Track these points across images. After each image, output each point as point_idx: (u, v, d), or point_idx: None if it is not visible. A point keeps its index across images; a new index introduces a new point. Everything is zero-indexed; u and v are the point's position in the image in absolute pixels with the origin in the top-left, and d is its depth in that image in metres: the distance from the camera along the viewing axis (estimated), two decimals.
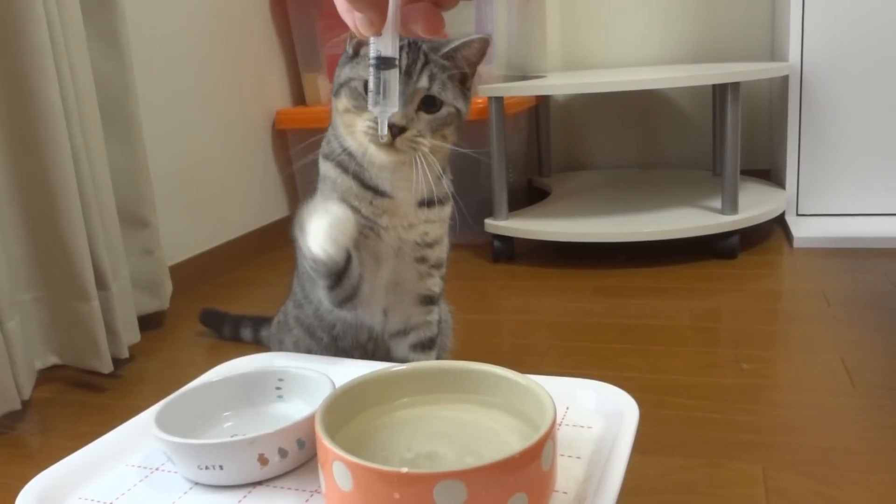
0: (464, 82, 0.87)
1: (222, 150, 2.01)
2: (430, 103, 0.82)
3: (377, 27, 0.48)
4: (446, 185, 0.91)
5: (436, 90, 0.82)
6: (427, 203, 0.89)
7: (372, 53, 0.50)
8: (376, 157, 0.83)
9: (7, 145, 1.26)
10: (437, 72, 0.82)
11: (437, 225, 0.91)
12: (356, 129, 0.83)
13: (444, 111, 0.83)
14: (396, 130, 0.80)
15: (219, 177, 1.99)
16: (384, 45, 0.51)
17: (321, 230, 0.79)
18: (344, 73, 0.85)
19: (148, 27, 1.71)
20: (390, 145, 0.81)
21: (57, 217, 1.27)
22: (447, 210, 0.92)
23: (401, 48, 0.80)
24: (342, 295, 0.88)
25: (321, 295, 0.91)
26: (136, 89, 1.48)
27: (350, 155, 0.86)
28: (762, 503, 0.85)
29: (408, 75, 0.80)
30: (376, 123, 0.79)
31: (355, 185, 0.87)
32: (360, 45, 0.85)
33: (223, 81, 2.01)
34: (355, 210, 0.87)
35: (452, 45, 0.83)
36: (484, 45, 0.84)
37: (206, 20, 1.95)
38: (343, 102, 0.84)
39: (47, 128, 1.23)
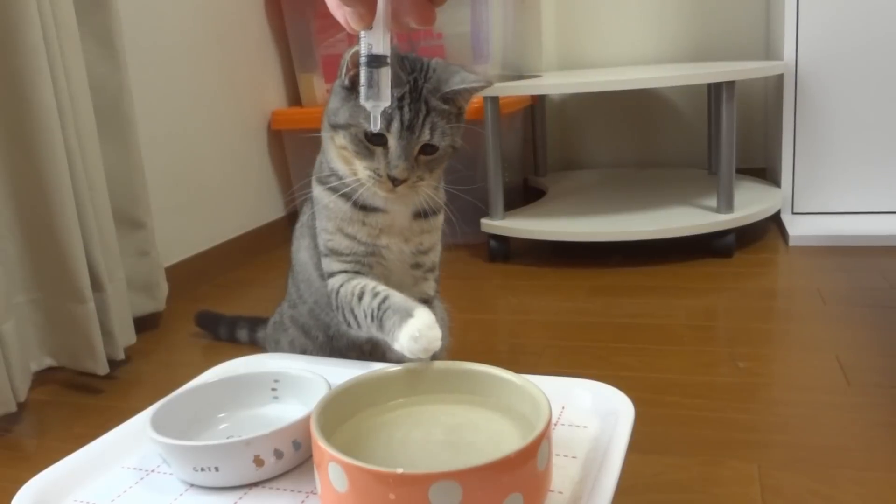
0: (459, 117, 0.86)
1: (218, 150, 2.00)
2: (429, 148, 0.83)
3: (367, 21, 0.48)
4: (441, 194, 0.92)
5: (436, 140, 0.82)
6: (423, 214, 0.90)
7: (363, 49, 0.50)
8: (376, 197, 0.85)
9: (1, 147, 1.26)
10: (438, 121, 0.81)
11: (431, 234, 0.92)
12: (357, 170, 0.83)
13: (441, 152, 0.83)
14: (398, 182, 0.80)
15: (214, 177, 1.99)
16: (375, 40, 0.51)
17: (418, 344, 0.75)
18: (342, 114, 0.82)
19: (142, 28, 1.70)
20: (391, 190, 0.81)
21: (52, 218, 1.26)
22: (440, 218, 0.93)
23: (401, 97, 0.79)
24: None
25: (344, 330, 0.93)
26: (130, 90, 1.48)
27: (341, 178, 0.86)
28: (758, 501, 0.85)
29: (409, 130, 0.80)
30: (378, 174, 0.81)
31: (348, 208, 0.87)
32: (356, 79, 0.82)
33: (218, 82, 2.01)
34: (351, 238, 0.87)
35: (455, 89, 0.82)
36: (486, 88, 0.84)
37: (201, 21, 1.94)
38: (341, 142, 0.83)
39: (42, 129, 1.23)
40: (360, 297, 0.85)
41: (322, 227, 0.90)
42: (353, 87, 0.82)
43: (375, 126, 0.58)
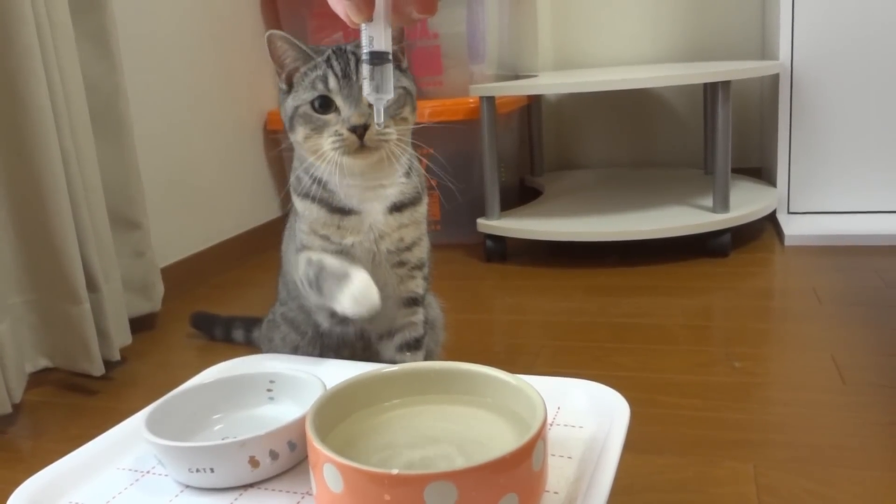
0: (398, 64, 0.87)
1: (213, 150, 2.00)
2: None
3: (366, 13, 0.48)
4: (417, 182, 0.91)
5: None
6: (398, 207, 0.89)
7: (364, 42, 0.51)
8: (352, 166, 0.83)
9: None
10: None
11: (411, 227, 0.91)
12: (323, 149, 0.83)
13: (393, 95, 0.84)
14: (361, 130, 0.80)
15: (210, 178, 1.98)
16: (376, 32, 0.51)
17: (352, 297, 0.82)
18: (288, 105, 0.85)
19: (138, 28, 1.70)
20: (361, 147, 0.81)
21: (47, 219, 1.26)
22: (421, 209, 0.92)
23: (328, 57, 0.83)
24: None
25: (320, 319, 0.95)
26: (126, 90, 1.48)
27: (319, 183, 0.87)
28: (754, 501, 0.85)
29: (346, 78, 0.82)
30: (340, 136, 0.81)
31: (323, 213, 0.88)
32: (291, 76, 0.87)
33: (214, 82, 2.01)
34: (323, 238, 0.88)
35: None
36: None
37: (197, 21, 1.94)
38: (300, 132, 0.84)
39: (36, 130, 1.23)
40: (300, 269, 0.89)
41: (299, 228, 0.92)
42: (289, 85, 0.87)
43: (379, 117, 0.58)
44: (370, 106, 0.82)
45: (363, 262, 0.88)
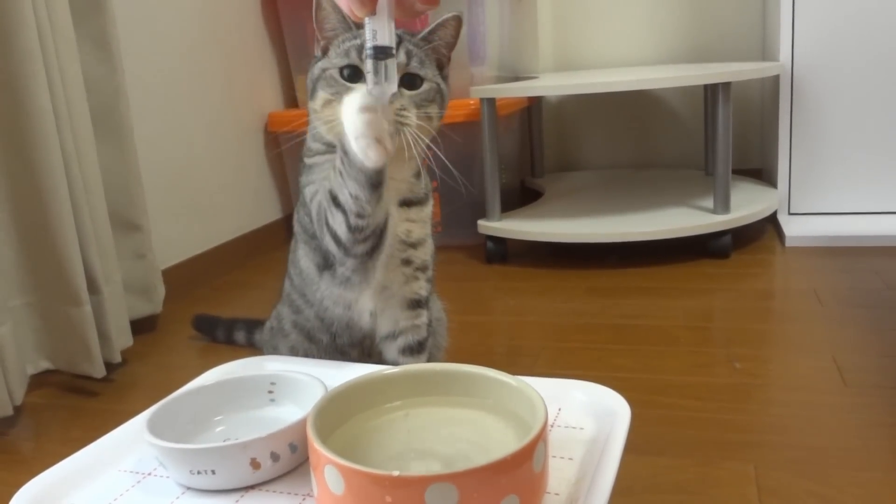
0: (441, 69, 0.88)
1: (214, 152, 2.00)
2: (410, 81, 0.83)
3: (370, 7, 0.48)
4: (425, 183, 0.92)
5: (415, 66, 0.83)
6: (407, 203, 0.90)
7: (368, 35, 0.51)
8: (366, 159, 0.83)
9: None
10: (415, 49, 0.83)
11: (418, 225, 0.91)
12: (339, 119, 0.80)
13: (425, 86, 0.84)
14: None
15: (211, 180, 1.99)
16: (380, 26, 0.51)
17: (366, 130, 0.74)
18: (317, 67, 0.85)
19: (139, 30, 1.70)
20: None
21: (48, 221, 1.26)
22: (427, 210, 0.92)
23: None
24: (367, 232, 0.84)
25: (340, 232, 0.84)
26: (126, 93, 1.48)
27: (331, 146, 0.86)
28: (755, 502, 0.85)
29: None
30: None
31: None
32: (328, 46, 0.86)
33: (215, 84, 2.01)
34: None
35: (428, 28, 0.85)
36: (458, 23, 0.85)
37: (198, 23, 1.94)
38: (321, 96, 0.83)
39: (38, 132, 1.23)
40: (317, 196, 0.87)
41: (315, 182, 0.89)
42: (324, 53, 0.85)
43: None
44: (400, 89, 0.82)
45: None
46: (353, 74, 0.82)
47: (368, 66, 0.52)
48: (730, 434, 1.01)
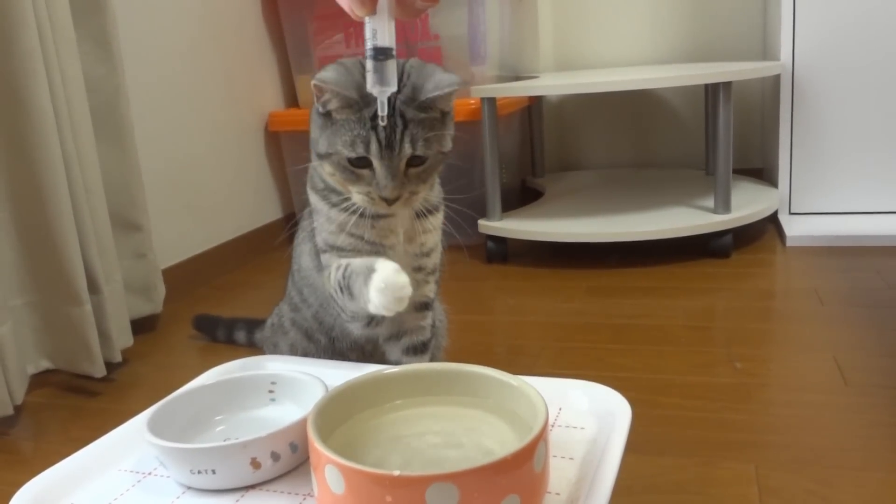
0: (443, 121, 0.82)
1: (215, 152, 2.00)
2: (416, 160, 0.80)
3: (370, 6, 0.48)
4: (436, 192, 0.91)
5: (420, 151, 0.79)
6: (419, 214, 0.88)
7: (368, 35, 0.50)
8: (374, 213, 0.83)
9: None
10: (418, 131, 0.78)
11: (432, 234, 0.91)
12: (350, 192, 0.82)
13: (430, 161, 0.81)
14: (391, 200, 0.79)
15: (211, 179, 1.99)
16: (380, 25, 0.51)
17: (376, 287, 0.78)
18: (322, 144, 0.81)
19: (139, 30, 1.70)
20: (388, 207, 0.81)
21: (48, 221, 1.26)
22: (439, 217, 0.92)
23: (373, 115, 0.76)
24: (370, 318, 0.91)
25: (354, 328, 0.93)
26: (127, 92, 1.48)
27: (339, 195, 0.85)
28: (755, 502, 0.85)
29: (389, 148, 0.77)
30: (370, 196, 0.79)
31: (355, 218, 0.83)
32: (329, 104, 0.80)
33: (215, 84, 2.01)
34: (357, 237, 0.85)
35: (429, 97, 0.78)
36: (460, 90, 0.81)
37: (198, 22, 1.94)
38: (329, 169, 0.81)
39: (38, 132, 1.23)
40: (330, 277, 0.86)
41: (322, 226, 0.88)
42: (328, 114, 0.80)
43: (383, 110, 0.58)
44: (406, 174, 0.79)
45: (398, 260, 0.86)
46: (361, 162, 0.79)
47: (368, 65, 0.52)
48: (730, 434, 1.00)
